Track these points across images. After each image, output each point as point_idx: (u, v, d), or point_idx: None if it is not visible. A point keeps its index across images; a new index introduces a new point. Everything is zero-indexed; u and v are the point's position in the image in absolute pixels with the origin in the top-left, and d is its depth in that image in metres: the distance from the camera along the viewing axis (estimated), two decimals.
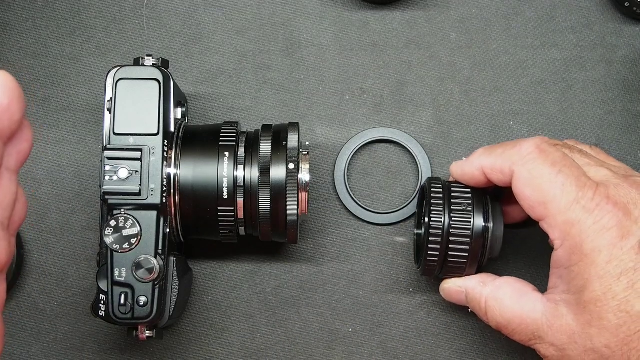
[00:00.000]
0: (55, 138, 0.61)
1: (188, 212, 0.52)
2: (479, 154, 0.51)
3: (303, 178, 0.52)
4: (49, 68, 0.62)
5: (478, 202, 0.52)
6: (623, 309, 0.44)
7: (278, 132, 0.53)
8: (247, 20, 0.62)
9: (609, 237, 0.44)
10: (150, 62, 0.52)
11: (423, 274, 0.54)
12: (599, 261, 0.44)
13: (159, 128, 0.50)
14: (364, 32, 0.62)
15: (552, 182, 0.46)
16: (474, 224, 0.51)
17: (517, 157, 0.48)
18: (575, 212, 0.45)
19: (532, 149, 0.47)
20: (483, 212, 0.51)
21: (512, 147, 0.49)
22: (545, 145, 0.48)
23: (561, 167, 0.46)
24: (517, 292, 0.50)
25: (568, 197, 0.45)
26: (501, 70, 0.61)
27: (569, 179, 0.46)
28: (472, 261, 0.52)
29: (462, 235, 0.51)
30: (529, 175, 0.47)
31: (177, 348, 0.59)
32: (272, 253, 0.60)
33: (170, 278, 0.52)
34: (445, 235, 0.51)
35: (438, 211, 0.51)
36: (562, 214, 0.45)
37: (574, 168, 0.47)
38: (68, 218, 0.60)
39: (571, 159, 0.47)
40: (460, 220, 0.51)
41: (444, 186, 0.53)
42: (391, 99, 0.61)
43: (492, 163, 0.49)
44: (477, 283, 0.51)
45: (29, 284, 0.60)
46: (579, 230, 0.45)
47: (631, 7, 0.60)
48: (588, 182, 0.46)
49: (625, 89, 0.61)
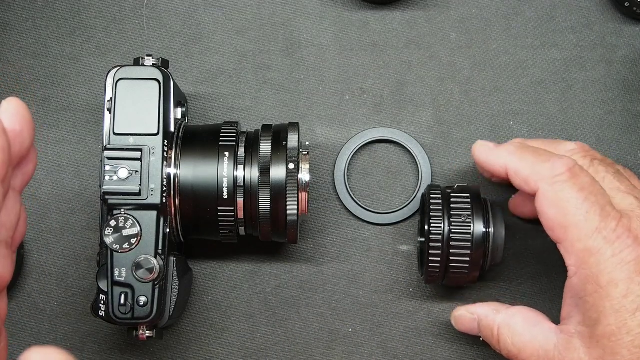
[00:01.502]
0: (55, 138, 0.61)
1: (188, 212, 0.52)
2: (509, 152, 0.49)
3: (303, 178, 0.52)
4: (49, 68, 0.62)
5: (478, 208, 0.52)
6: (637, 344, 0.43)
7: (278, 132, 0.53)
8: (247, 20, 0.62)
9: (627, 270, 0.44)
10: (150, 62, 0.52)
11: (427, 282, 0.55)
12: (615, 294, 0.44)
13: (159, 128, 0.50)
14: (364, 32, 0.62)
15: (577, 207, 0.45)
16: (474, 230, 0.51)
17: (547, 174, 0.47)
18: (595, 241, 0.45)
19: (564, 170, 0.46)
20: (483, 218, 0.51)
21: (544, 161, 0.47)
22: (577, 168, 0.47)
23: (588, 194, 0.46)
24: (530, 321, 0.49)
25: (590, 225, 0.45)
26: (501, 70, 0.61)
27: (594, 207, 0.45)
28: (474, 268, 0.52)
29: (463, 241, 0.51)
30: (555, 197, 0.46)
31: (177, 348, 0.59)
32: (272, 253, 0.60)
33: (170, 278, 0.52)
34: (446, 242, 0.51)
35: (437, 219, 0.51)
36: (581, 242, 0.45)
37: (600, 196, 0.46)
38: (68, 218, 0.60)
39: (599, 186, 0.47)
40: (460, 227, 0.51)
41: (443, 194, 0.53)
42: (391, 99, 0.61)
43: (519, 169, 0.48)
44: (490, 310, 0.51)
45: (29, 284, 0.60)
46: (597, 261, 0.44)
47: (631, 7, 0.60)
48: (612, 212, 0.45)
49: (625, 89, 0.61)
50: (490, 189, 0.60)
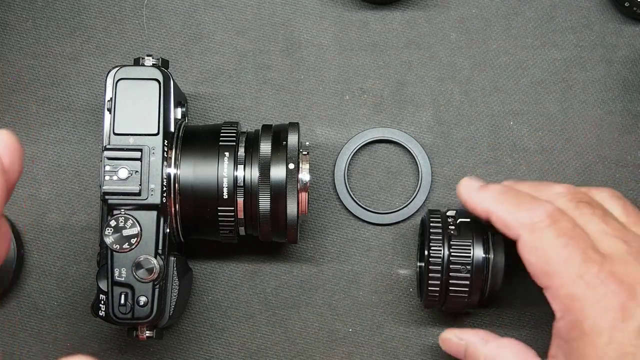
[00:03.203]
0: (55, 138, 0.61)
1: (188, 212, 0.52)
2: (491, 197, 0.49)
3: (303, 178, 0.52)
4: (49, 68, 0.62)
5: (477, 233, 0.51)
6: None
7: (278, 132, 0.53)
8: (247, 20, 0.62)
9: (610, 317, 0.43)
10: (150, 62, 0.52)
11: (426, 306, 0.54)
12: (598, 342, 0.43)
13: (159, 128, 0.50)
14: (364, 32, 0.62)
15: (558, 254, 0.45)
16: (474, 255, 0.51)
17: (527, 222, 0.47)
18: (578, 288, 0.44)
19: (543, 217, 0.46)
20: (483, 243, 0.51)
21: (525, 209, 0.47)
22: (558, 214, 0.46)
23: (568, 239, 0.45)
24: (519, 355, 0.49)
25: (572, 271, 0.44)
26: (501, 70, 0.61)
27: (575, 252, 0.45)
28: (473, 293, 0.51)
29: (462, 265, 0.51)
30: (534, 244, 0.46)
31: (177, 348, 0.59)
32: (272, 253, 0.60)
33: (170, 278, 0.52)
34: (445, 267, 0.51)
35: (437, 244, 0.51)
36: (564, 288, 0.45)
37: (581, 240, 0.45)
38: (68, 218, 0.60)
39: (580, 230, 0.46)
40: (460, 253, 0.51)
41: (443, 218, 0.53)
42: (391, 99, 0.61)
43: (500, 215, 0.48)
44: (479, 340, 0.50)
45: (29, 284, 0.60)
46: (581, 307, 0.44)
47: (631, 7, 0.60)
48: (594, 256, 0.45)
49: (625, 89, 0.61)
50: None
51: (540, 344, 0.52)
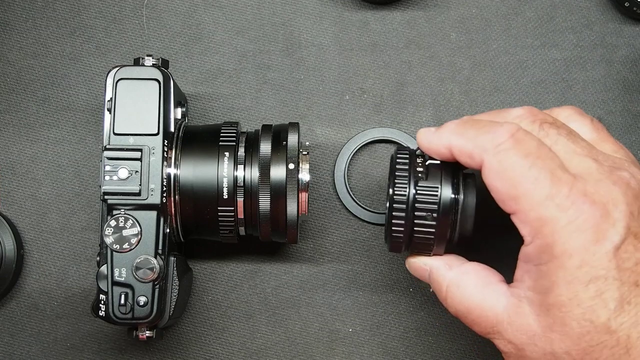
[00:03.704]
0: (55, 138, 0.61)
1: (188, 212, 0.52)
2: (450, 130, 0.46)
3: (303, 178, 0.52)
4: (49, 68, 0.62)
5: (447, 172, 0.47)
6: (588, 317, 0.41)
7: (278, 132, 0.53)
8: (247, 20, 0.62)
9: (582, 239, 0.41)
10: (150, 62, 0.52)
11: (390, 250, 0.50)
12: (569, 265, 0.41)
13: (159, 128, 0.50)
14: (364, 32, 0.62)
15: (524, 175, 0.42)
16: (441, 196, 0.47)
17: (490, 145, 0.44)
18: (548, 210, 0.42)
19: (506, 138, 0.43)
20: (452, 183, 0.47)
21: (486, 132, 0.44)
22: (521, 133, 0.44)
23: (534, 159, 0.43)
24: (482, 280, 0.47)
25: (541, 193, 0.42)
26: (501, 70, 0.61)
27: (543, 173, 0.42)
28: (440, 237, 0.47)
29: (428, 204, 0.47)
30: (499, 167, 0.43)
31: (177, 348, 0.59)
32: (272, 253, 0.60)
33: (170, 278, 0.52)
34: (410, 208, 0.47)
35: (402, 183, 0.47)
36: (533, 211, 0.42)
37: (548, 160, 0.43)
38: (68, 218, 0.60)
39: (547, 149, 0.44)
40: (426, 198, 0.47)
41: (411, 155, 0.48)
42: (391, 99, 0.61)
43: (461, 145, 0.45)
44: (443, 265, 0.48)
45: (29, 284, 0.60)
46: (551, 230, 0.42)
47: (631, 7, 0.60)
48: (564, 176, 0.42)
49: (625, 89, 0.61)
50: None
51: (509, 270, 0.48)
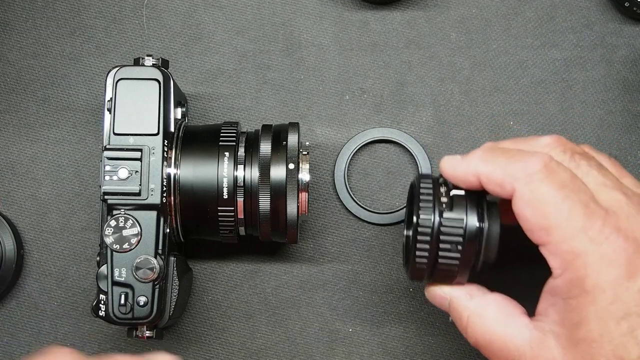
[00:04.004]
0: (55, 138, 0.61)
1: (188, 212, 0.52)
2: (478, 158, 0.45)
3: (303, 178, 0.52)
4: (49, 68, 0.62)
5: (472, 200, 0.47)
6: (618, 354, 0.40)
7: (278, 132, 0.53)
8: (247, 20, 0.62)
9: (615, 274, 0.41)
10: (150, 62, 0.52)
11: (411, 278, 0.49)
12: (601, 300, 0.41)
13: (159, 128, 0.50)
14: (364, 32, 0.62)
15: (558, 207, 0.42)
16: (467, 224, 0.46)
17: (522, 174, 0.43)
18: (581, 243, 0.41)
19: (539, 168, 0.43)
20: (477, 212, 0.46)
21: (517, 161, 0.44)
22: (554, 164, 0.43)
23: (568, 192, 0.42)
24: (504, 312, 0.46)
25: (574, 225, 0.41)
26: (501, 70, 0.61)
27: (576, 205, 0.42)
28: (463, 267, 0.47)
29: (454, 235, 0.46)
30: (531, 197, 0.42)
31: (177, 348, 0.59)
32: (272, 253, 0.60)
33: (170, 278, 0.52)
34: (435, 235, 0.46)
35: (427, 212, 0.46)
36: (565, 243, 0.41)
37: (582, 193, 0.42)
38: (68, 218, 0.60)
39: (580, 182, 0.43)
40: (452, 225, 0.46)
41: (434, 183, 0.48)
42: (391, 99, 0.61)
43: (490, 173, 0.45)
44: (464, 294, 0.47)
45: (29, 284, 0.60)
46: (583, 263, 0.41)
47: (631, 7, 0.60)
48: (597, 209, 0.42)
49: (625, 89, 0.61)
50: None
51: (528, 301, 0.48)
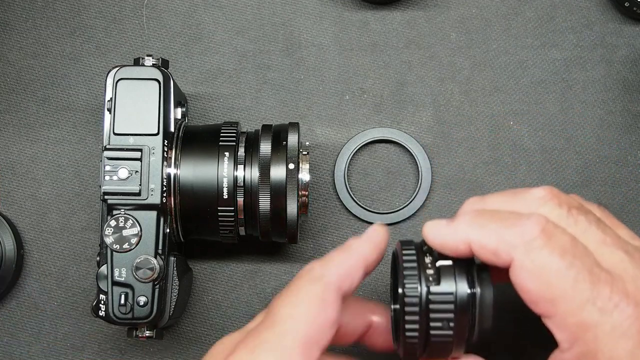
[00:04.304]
0: (55, 138, 0.61)
1: (188, 212, 0.52)
2: (467, 223, 0.41)
3: (303, 178, 0.52)
4: (49, 68, 0.62)
5: (460, 271, 0.42)
6: None
7: (278, 132, 0.53)
8: (247, 20, 0.62)
9: (629, 345, 0.38)
10: (150, 62, 0.52)
11: (404, 355, 0.43)
12: None
13: (159, 128, 0.50)
14: (364, 32, 0.62)
15: (562, 276, 0.39)
16: (457, 296, 0.41)
17: (519, 241, 0.39)
18: (590, 314, 0.38)
19: (537, 233, 0.39)
20: (467, 279, 0.42)
21: (512, 226, 0.40)
22: (552, 227, 0.40)
23: (572, 259, 0.39)
24: None
25: (581, 296, 0.38)
26: (501, 70, 0.61)
27: (582, 273, 0.39)
28: (459, 339, 0.42)
29: (445, 311, 0.42)
30: (532, 267, 0.39)
31: (177, 348, 0.59)
32: (272, 253, 0.60)
33: (170, 278, 0.52)
34: (424, 309, 0.41)
35: (412, 280, 0.42)
36: (573, 315, 0.39)
37: (585, 257, 0.39)
38: (68, 218, 0.60)
39: (581, 245, 0.40)
40: (441, 300, 0.42)
41: (418, 252, 0.43)
42: (391, 99, 0.61)
43: (483, 240, 0.40)
44: None
45: (29, 284, 0.60)
46: (594, 336, 0.38)
47: (631, 7, 0.60)
48: (602, 275, 0.39)
49: (625, 89, 0.61)
50: None
51: None
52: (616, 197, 0.60)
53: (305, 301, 0.39)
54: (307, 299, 0.39)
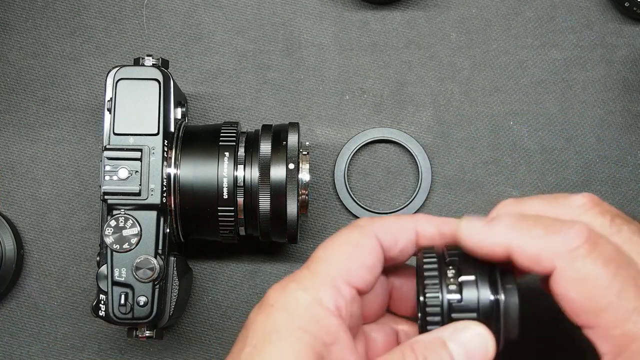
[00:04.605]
0: (55, 138, 0.61)
1: (188, 212, 0.52)
2: (508, 227, 0.40)
3: (303, 178, 0.52)
4: (49, 68, 0.62)
5: (482, 270, 0.41)
6: None
7: (278, 132, 0.53)
8: (247, 20, 0.62)
9: None
10: (150, 62, 0.52)
11: None
12: None
13: (159, 128, 0.50)
14: (364, 32, 0.62)
15: (607, 287, 0.37)
16: (480, 298, 0.40)
17: (563, 250, 0.38)
18: (636, 325, 0.37)
19: (582, 242, 0.38)
20: (490, 283, 0.40)
21: (555, 233, 0.39)
22: (596, 236, 0.39)
23: (617, 268, 0.38)
24: None
25: (627, 306, 0.37)
26: (501, 70, 0.61)
27: (626, 283, 0.37)
28: None
29: (468, 311, 0.40)
30: (576, 276, 0.38)
31: (177, 348, 0.59)
32: (272, 253, 0.60)
33: (170, 278, 0.52)
34: (446, 316, 0.40)
35: (434, 288, 0.40)
36: (618, 326, 0.37)
37: (630, 268, 0.38)
38: (68, 218, 0.60)
39: (625, 255, 0.39)
40: (463, 318, 0.40)
41: (438, 256, 0.42)
42: (391, 99, 0.61)
43: (524, 246, 0.39)
44: None
45: (29, 284, 0.60)
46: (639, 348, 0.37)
47: (631, 7, 0.60)
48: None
49: (625, 89, 0.61)
50: None
51: None
52: (616, 197, 0.60)
53: (340, 245, 0.40)
54: (343, 242, 0.40)
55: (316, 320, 0.37)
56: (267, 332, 0.37)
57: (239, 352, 0.37)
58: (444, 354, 0.38)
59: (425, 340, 0.38)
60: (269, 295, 0.39)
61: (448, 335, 0.38)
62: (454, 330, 0.38)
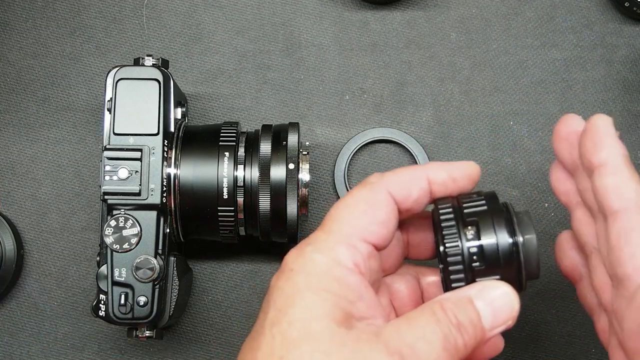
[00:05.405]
0: (55, 138, 0.61)
1: (188, 212, 0.52)
2: (616, 148, 0.39)
3: (303, 178, 0.52)
4: (49, 68, 0.62)
5: (498, 213, 0.41)
6: None
7: (278, 132, 0.53)
8: (247, 20, 0.62)
9: None
10: (150, 62, 0.52)
11: None
12: None
13: (159, 128, 0.50)
14: (364, 32, 0.62)
15: None
16: (499, 242, 0.40)
17: None
18: None
19: None
20: (506, 225, 0.41)
21: None
22: None
23: None
24: None
25: None
26: (501, 70, 0.61)
27: None
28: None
29: (489, 266, 0.40)
30: None
31: (177, 348, 0.59)
32: (272, 253, 0.60)
33: (170, 278, 0.52)
34: (468, 264, 0.40)
35: (452, 236, 0.41)
36: None
37: None
38: (68, 218, 0.60)
39: None
40: (483, 248, 0.40)
41: (453, 204, 0.42)
42: (391, 99, 0.61)
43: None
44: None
45: (29, 284, 0.60)
46: None
47: (631, 7, 0.60)
48: None
49: (625, 89, 0.61)
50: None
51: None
52: None
53: (352, 203, 0.40)
54: (355, 200, 0.40)
55: (336, 280, 0.37)
56: (289, 294, 0.37)
57: (264, 317, 0.37)
58: (471, 312, 0.38)
59: (453, 298, 0.39)
60: (287, 260, 0.39)
61: (475, 294, 0.39)
62: (481, 288, 0.39)
